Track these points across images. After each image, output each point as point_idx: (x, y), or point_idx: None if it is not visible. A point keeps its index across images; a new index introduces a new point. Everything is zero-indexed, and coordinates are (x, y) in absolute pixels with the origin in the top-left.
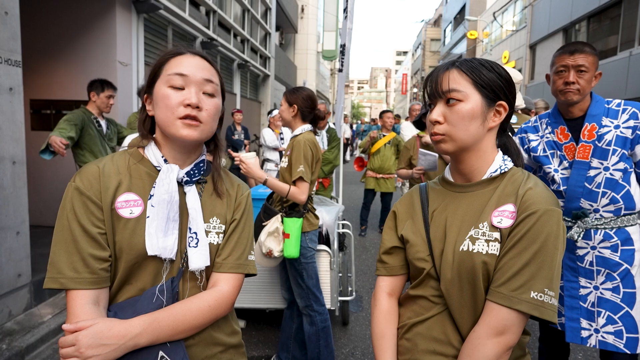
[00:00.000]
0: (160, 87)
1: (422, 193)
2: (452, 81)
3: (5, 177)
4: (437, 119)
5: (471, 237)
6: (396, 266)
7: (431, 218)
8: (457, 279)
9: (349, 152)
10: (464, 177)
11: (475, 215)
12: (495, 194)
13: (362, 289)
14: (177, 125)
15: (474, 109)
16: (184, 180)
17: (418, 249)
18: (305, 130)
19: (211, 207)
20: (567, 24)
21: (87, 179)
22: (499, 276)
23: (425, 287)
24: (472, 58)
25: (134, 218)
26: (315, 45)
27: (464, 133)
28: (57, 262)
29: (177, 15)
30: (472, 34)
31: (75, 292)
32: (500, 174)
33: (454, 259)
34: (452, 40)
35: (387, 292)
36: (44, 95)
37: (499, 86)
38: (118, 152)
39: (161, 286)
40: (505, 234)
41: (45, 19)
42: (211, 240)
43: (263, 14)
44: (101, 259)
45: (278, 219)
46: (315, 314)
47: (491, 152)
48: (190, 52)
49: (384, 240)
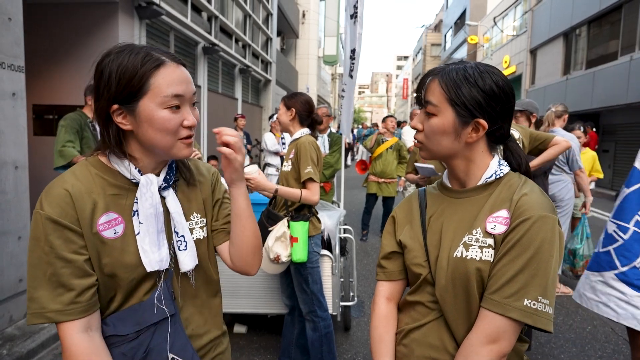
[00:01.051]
0: (153, 108)
1: (421, 198)
2: (429, 92)
3: (8, 181)
4: (416, 126)
5: (465, 243)
6: (395, 271)
7: (428, 223)
8: (451, 286)
9: (350, 156)
10: (460, 183)
11: (470, 221)
12: (490, 200)
13: (364, 294)
14: (179, 146)
15: (445, 125)
16: (163, 186)
17: (415, 255)
18: (305, 133)
19: (188, 205)
20: (568, 29)
21: (58, 205)
22: (493, 283)
23: (422, 292)
24: (462, 67)
25: (119, 237)
26: (316, 50)
27: (436, 146)
28: (38, 297)
29: (179, 20)
30: (472, 39)
31: (65, 324)
32: (495, 180)
33: (448, 265)
34: (452, 45)
35: (386, 297)
36: (47, 101)
37: (476, 104)
38: (76, 166)
39: (158, 293)
40: (499, 240)
41: (49, 25)
42: (197, 236)
43: (264, 20)
44: (87, 286)
45: (284, 224)
46: (319, 319)
47: (482, 159)
48: (172, 61)
49: (384, 245)
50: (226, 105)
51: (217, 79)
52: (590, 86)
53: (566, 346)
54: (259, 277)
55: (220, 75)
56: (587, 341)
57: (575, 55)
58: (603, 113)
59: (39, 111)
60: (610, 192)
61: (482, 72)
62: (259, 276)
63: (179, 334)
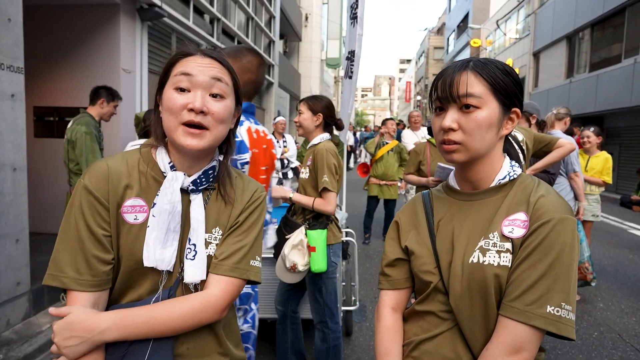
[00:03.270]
0: (167, 89)
1: (426, 202)
2: (469, 84)
3: (6, 183)
4: (451, 126)
5: (481, 248)
6: (400, 279)
7: (437, 228)
8: (467, 293)
9: (352, 159)
10: (471, 185)
11: (485, 225)
12: (505, 202)
13: (365, 298)
14: (180, 132)
15: (492, 116)
16: (190, 188)
17: (424, 261)
18: (324, 139)
19: (216, 216)
20: (571, 32)
21: (95, 178)
22: (513, 289)
23: (432, 301)
24: (484, 59)
25: (138, 224)
26: (319, 53)
27: (479, 142)
28: (59, 260)
29: (181, 23)
30: (475, 42)
31: (76, 294)
32: (509, 181)
33: (464, 271)
34: (455, 48)
35: (391, 306)
36: (48, 102)
37: (514, 91)
38: (132, 150)
39: (157, 297)
40: (517, 244)
41: (50, 26)
42: (210, 252)
43: (267, 22)
44: (104, 261)
45: (302, 232)
46: (329, 331)
47: (498, 158)
48: (201, 53)
49: (387, 252)
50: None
51: None
52: (593, 89)
53: (572, 353)
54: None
55: None
56: (593, 347)
57: (578, 58)
58: (607, 116)
59: (40, 113)
60: (615, 195)
61: (504, 65)
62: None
63: (162, 350)
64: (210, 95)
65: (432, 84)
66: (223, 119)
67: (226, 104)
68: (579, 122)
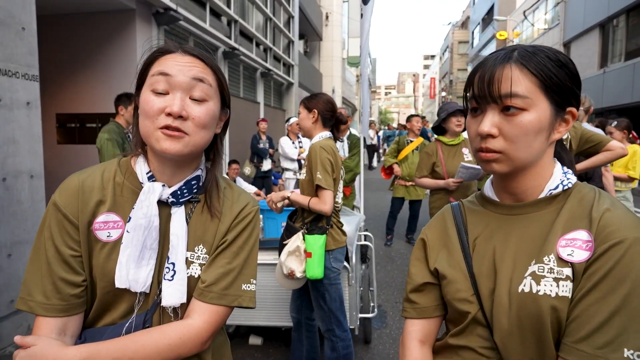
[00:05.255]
0: (144, 91)
1: (457, 216)
2: (514, 82)
3: (24, 191)
4: (492, 132)
5: (534, 274)
6: (429, 307)
7: (473, 248)
8: (517, 329)
9: (375, 158)
10: (515, 197)
11: (535, 245)
12: (560, 218)
13: (386, 304)
14: (157, 136)
15: (542, 120)
16: (170, 200)
17: (459, 287)
18: (323, 137)
19: (201, 232)
20: (604, 19)
21: (65, 193)
22: (577, 328)
23: (471, 335)
24: (532, 47)
25: (112, 242)
26: (341, 52)
27: (525, 151)
28: (29, 282)
29: (198, 26)
30: (501, 34)
31: (42, 319)
32: (562, 192)
33: (511, 302)
34: (480, 41)
35: (419, 339)
36: (69, 109)
37: (569, 88)
38: (110, 161)
39: (130, 322)
40: (579, 270)
41: (68, 34)
42: (192, 273)
43: (286, 22)
44: (73, 284)
45: (299, 237)
46: (337, 339)
47: (548, 165)
48: (182, 50)
49: (412, 274)
50: (248, 109)
51: (238, 83)
52: (630, 79)
53: None
54: (272, 289)
55: (241, 79)
56: None
57: (612, 46)
58: None
59: (62, 120)
60: None
61: (558, 53)
62: (272, 288)
63: None
64: (190, 98)
65: (468, 78)
66: (205, 124)
67: (208, 107)
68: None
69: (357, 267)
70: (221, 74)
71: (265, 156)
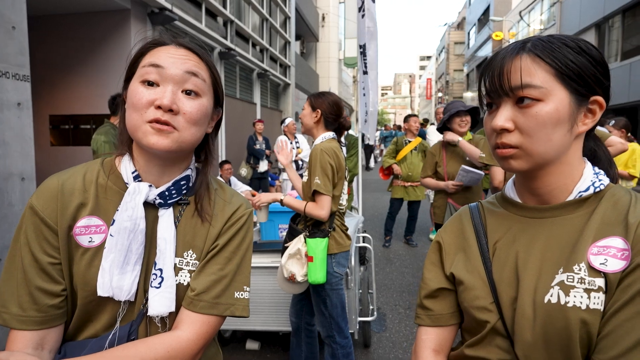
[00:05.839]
0: (133, 82)
1: (475, 217)
2: (525, 72)
3: (14, 193)
4: (506, 126)
5: (562, 283)
6: (444, 314)
7: (492, 252)
8: (542, 343)
9: (372, 159)
10: (539, 198)
11: (564, 252)
12: (592, 223)
13: (385, 306)
14: (144, 130)
15: (559, 110)
16: (157, 202)
17: (477, 294)
18: (326, 138)
19: (190, 237)
20: (600, 19)
21: (43, 196)
22: (610, 344)
23: (489, 346)
24: (548, 36)
25: (94, 247)
26: (337, 53)
27: (544, 145)
28: (3, 292)
29: (194, 26)
30: (497, 35)
31: (17, 333)
32: (593, 194)
33: (536, 313)
34: (476, 42)
35: (432, 348)
36: (63, 111)
37: (592, 74)
38: (93, 161)
39: (113, 335)
40: (613, 281)
41: (62, 35)
42: (181, 280)
43: (282, 23)
44: (52, 293)
45: (300, 240)
46: (337, 346)
47: (578, 164)
48: (176, 43)
49: (427, 279)
50: (245, 110)
51: (234, 84)
52: (626, 79)
53: None
54: (269, 293)
55: (237, 80)
56: None
57: (609, 46)
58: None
59: (56, 121)
60: None
61: (578, 40)
62: (270, 292)
63: None
64: (182, 92)
65: (480, 74)
66: (196, 120)
67: (201, 102)
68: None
69: (356, 270)
70: (216, 70)
71: (261, 157)
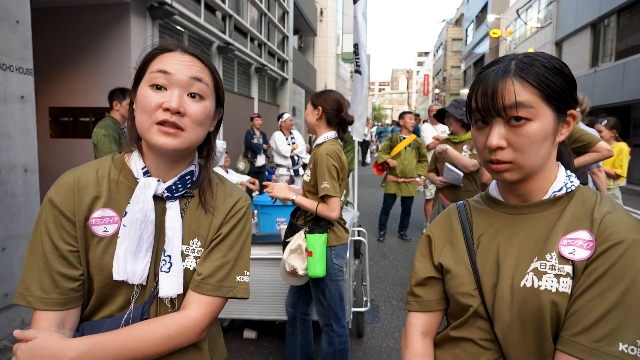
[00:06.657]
0: (142, 86)
1: (462, 214)
2: (517, 94)
3: (17, 185)
4: (500, 144)
5: (536, 270)
6: (432, 300)
7: (477, 245)
8: (519, 322)
9: (369, 154)
10: (520, 198)
11: (538, 243)
12: (563, 218)
13: (378, 298)
14: (153, 131)
15: (546, 127)
16: (165, 195)
17: (462, 281)
18: (328, 138)
19: (195, 227)
20: (596, 19)
21: (61, 190)
22: (575, 322)
23: (471, 328)
24: (528, 58)
25: (108, 236)
26: (335, 47)
27: (534, 158)
28: (26, 277)
29: (193, 20)
30: (494, 32)
31: (41, 313)
32: (565, 194)
33: (513, 296)
34: (474, 39)
35: (421, 331)
36: (62, 103)
37: (569, 93)
38: (103, 158)
39: (128, 314)
40: (579, 267)
41: (61, 28)
42: (187, 266)
43: (280, 18)
44: (71, 278)
45: (301, 236)
46: (334, 334)
47: (553, 168)
48: (181, 49)
49: (417, 269)
50: (242, 104)
51: (232, 79)
52: (620, 78)
53: None
54: (266, 284)
55: (235, 74)
56: None
57: (603, 46)
58: (634, 106)
59: (55, 114)
60: None
61: (552, 59)
62: (267, 282)
63: None
64: (188, 95)
65: (469, 93)
66: (201, 121)
67: (205, 105)
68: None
69: (351, 262)
70: (217, 74)
71: (259, 152)
